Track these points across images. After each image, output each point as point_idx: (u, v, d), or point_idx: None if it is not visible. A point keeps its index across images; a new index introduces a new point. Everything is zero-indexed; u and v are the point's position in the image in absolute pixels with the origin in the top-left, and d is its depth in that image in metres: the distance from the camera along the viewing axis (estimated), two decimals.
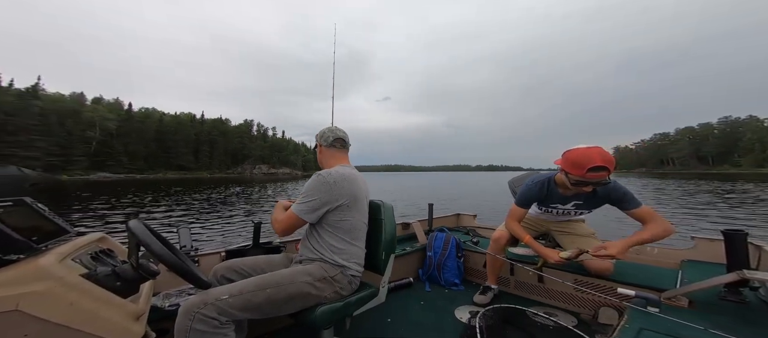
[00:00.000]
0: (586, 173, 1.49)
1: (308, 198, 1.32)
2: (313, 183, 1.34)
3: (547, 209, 1.93)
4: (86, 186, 27.14)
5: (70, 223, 1.10)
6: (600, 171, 1.48)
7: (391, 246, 1.52)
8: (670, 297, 1.40)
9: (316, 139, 1.57)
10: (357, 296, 1.38)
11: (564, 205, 1.85)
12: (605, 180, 1.52)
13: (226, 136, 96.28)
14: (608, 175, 1.52)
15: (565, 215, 1.94)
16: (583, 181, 1.54)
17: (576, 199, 1.78)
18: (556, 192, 1.80)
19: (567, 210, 1.88)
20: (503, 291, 2.31)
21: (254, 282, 1.19)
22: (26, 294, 0.72)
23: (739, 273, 1.25)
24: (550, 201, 1.86)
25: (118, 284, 0.90)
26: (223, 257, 1.75)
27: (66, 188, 22.24)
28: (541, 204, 1.92)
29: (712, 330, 1.11)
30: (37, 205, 1.00)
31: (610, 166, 1.49)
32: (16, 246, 0.79)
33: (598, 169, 1.47)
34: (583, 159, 1.51)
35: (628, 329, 1.17)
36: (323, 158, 1.52)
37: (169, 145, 75.75)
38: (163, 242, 1.01)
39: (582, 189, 1.61)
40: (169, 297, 1.45)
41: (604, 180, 1.52)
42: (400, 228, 2.90)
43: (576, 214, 1.92)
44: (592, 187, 1.56)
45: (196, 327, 1.02)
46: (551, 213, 1.95)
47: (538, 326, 1.78)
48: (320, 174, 1.36)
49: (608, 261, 1.75)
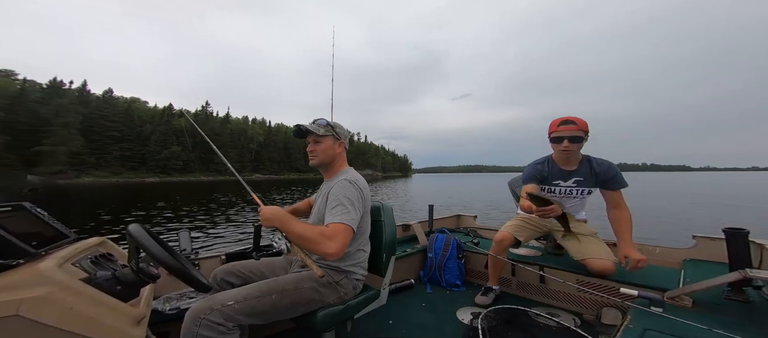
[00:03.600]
0: (559, 127, 1.78)
1: (353, 207, 1.23)
2: (352, 191, 1.26)
3: (550, 189, 1.99)
4: (251, 182, 36.53)
5: (72, 228, 1.09)
6: (569, 124, 1.75)
7: (392, 247, 1.51)
8: (674, 297, 1.40)
9: (342, 135, 1.44)
10: (358, 298, 1.37)
11: (565, 182, 1.94)
12: (577, 134, 1.75)
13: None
14: (580, 131, 1.75)
15: (568, 196, 1.97)
16: (559, 136, 1.79)
17: (577, 175, 1.89)
18: (556, 168, 1.94)
19: (569, 187, 1.94)
20: (505, 291, 2.30)
21: (259, 288, 1.18)
22: (27, 299, 0.71)
23: (742, 272, 1.24)
24: (553, 179, 1.96)
25: (118, 288, 0.90)
26: (224, 260, 1.75)
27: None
28: (544, 183, 2.00)
29: (717, 330, 1.11)
30: (36, 210, 1.00)
31: (580, 123, 1.76)
32: (16, 251, 0.79)
33: (567, 122, 1.76)
34: (556, 119, 1.83)
35: (632, 329, 1.17)
36: (335, 155, 1.44)
37: (291, 152, 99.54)
38: (162, 246, 1.00)
39: (563, 146, 1.79)
40: (169, 300, 1.44)
41: (575, 134, 1.75)
42: (400, 229, 2.89)
43: (576, 195, 1.95)
44: (566, 140, 1.77)
45: (202, 333, 1.01)
46: (554, 194, 2.00)
47: (540, 327, 1.77)
48: (351, 181, 1.30)
49: (609, 262, 1.80)
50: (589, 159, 1.89)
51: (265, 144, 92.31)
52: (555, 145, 1.84)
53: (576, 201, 2.00)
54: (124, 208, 12.53)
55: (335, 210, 1.21)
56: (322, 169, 1.47)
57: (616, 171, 1.82)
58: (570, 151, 1.79)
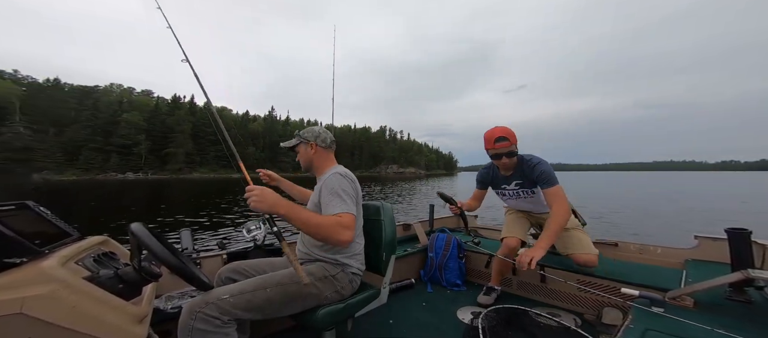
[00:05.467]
0: (495, 144, 1.84)
1: (348, 195, 1.27)
2: (342, 181, 1.30)
3: (501, 192, 2.13)
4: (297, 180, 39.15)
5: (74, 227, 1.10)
6: (502, 141, 1.83)
7: (392, 247, 1.51)
8: (675, 297, 1.39)
9: (309, 138, 1.48)
10: (358, 297, 1.38)
11: (509, 185, 2.05)
12: (509, 149, 1.83)
13: (369, 141, 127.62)
14: (512, 145, 1.84)
15: (515, 197, 2.08)
16: (497, 153, 1.86)
17: (516, 179, 1.99)
18: (498, 174, 2.06)
19: (514, 190, 2.05)
20: (506, 291, 2.30)
21: (255, 283, 1.19)
22: (30, 297, 0.72)
23: (744, 272, 1.24)
24: (500, 184, 2.09)
25: (120, 286, 0.90)
26: (225, 259, 1.75)
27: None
28: (494, 187, 2.15)
29: (718, 330, 1.10)
30: (39, 209, 1.01)
31: (509, 135, 1.82)
32: (20, 249, 0.80)
33: (500, 139, 1.83)
34: (489, 134, 1.88)
35: (633, 329, 1.16)
36: (318, 158, 1.50)
37: (338, 151, 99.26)
38: (164, 244, 1.01)
39: (502, 162, 1.90)
40: (171, 299, 1.45)
41: (508, 149, 1.83)
42: (401, 229, 2.90)
43: (524, 195, 2.04)
44: (504, 157, 1.86)
45: (198, 327, 1.03)
46: (506, 196, 2.13)
47: (541, 326, 1.77)
48: (340, 173, 1.34)
49: (593, 255, 1.89)
50: (522, 160, 1.94)
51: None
52: (495, 161, 1.96)
53: (528, 200, 2.07)
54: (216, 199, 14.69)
55: (336, 201, 1.23)
56: (310, 172, 1.55)
57: (541, 170, 1.84)
58: (508, 165, 1.93)
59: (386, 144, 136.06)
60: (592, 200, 16.05)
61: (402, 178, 68.92)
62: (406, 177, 77.94)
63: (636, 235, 7.27)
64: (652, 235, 7.46)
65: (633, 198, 17.51)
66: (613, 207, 13.24)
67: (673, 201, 16.28)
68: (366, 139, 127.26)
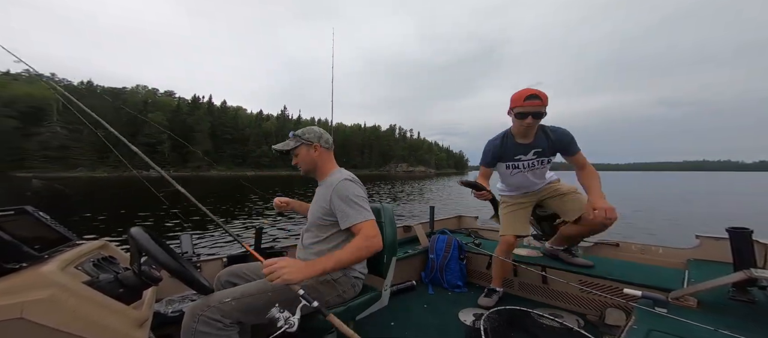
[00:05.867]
0: (525, 101, 1.75)
1: (363, 200, 1.30)
2: (354, 187, 1.31)
3: (512, 164, 1.97)
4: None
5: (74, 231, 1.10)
6: (534, 99, 1.73)
7: (393, 248, 1.51)
8: (678, 297, 1.39)
9: (311, 139, 1.42)
10: (360, 299, 1.37)
11: (526, 156, 1.93)
12: (540, 109, 1.75)
13: (378, 140, 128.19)
14: (543, 106, 1.75)
15: (530, 168, 1.96)
16: (523, 112, 1.76)
17: (535, 147, 1.89)
18: (513, 143, 1.92)
19: (530, 160, 1.93)
20: (507, 292, 2.29)
21: (256, 286, 1.19)
22: (30, 302, 0.72)
23: (747, 272, 1.23)
24: (513, 154, 1.94)
25: (120, 291, 0.90)
26: (225, 263, 1.75)
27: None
28: (505, 160, 1.98)
29: (722, 331, 1.10)
30: (39, 214, 1.01)
31: (544, 98, 1.75)
32: (19, 254, 0.80)
33: (532, 97, 1.73)
34: (520, 93, 1.79)
35: (637, 330, 1.16)
36: (321, 160, 1.45)
37: (348, 150, 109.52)
38: (164, 248, 1.01)
39: (526, 122, 1.77)
40: (171, 303, 1.45)
41: (539, 109, 1.74)
42: (401, 231, 2.89)
43: (539, 165, 1.95)
44: (530, 116, 1.75)
45: (200, 329, 1.03)
46: (518, 169, 1.98)
47: (543, 327, 1.77)
48: (352, 179, 1.34)
49: (609, 210, 1.71)
50: (543, 128, 1.90)
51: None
52: (517, 120, 1.83)
53: (539, 171, 2.00)
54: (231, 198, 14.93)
55: (354, 210, 1.25)
56: (311, 175, 1.48)
57: (571, 136, 1.87)
58: (532, 126, 1.82)
59: (396, 142, 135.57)
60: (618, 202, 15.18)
61: (411, 177, 67.46)
62: (416, 176, 76.95)
63: (653, 236, 7.10)
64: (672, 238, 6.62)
65: (656, 200, 16.58)
66: (642, 207, 12.48)
67: (691, 202, 15.55)
68: (375, 138, 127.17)
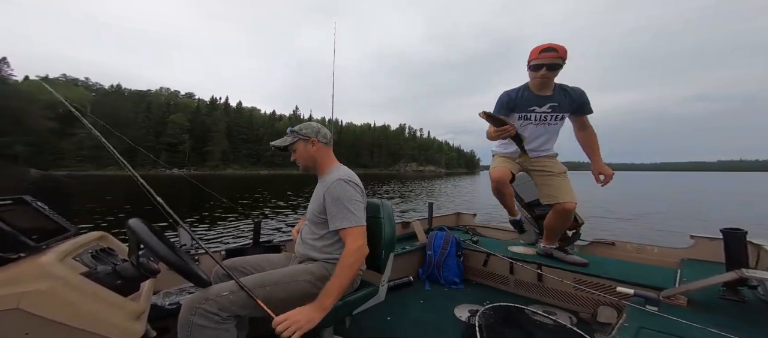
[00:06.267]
0: (540, 54, 1.79)
1: (356, 204, 1.28)
2: (350, 191, 1.29)
3: (525, 116, 1.99)
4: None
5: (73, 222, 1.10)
6: (550, 52, 1.77)
7: (391, 244, 1.52)
8: (669, 296, 1.41)
9: (309, 134, 1.40)
10: (357, 295, 1.38)
11: (541, 108, 1.95)
12: (557, 61, 1.79)
13: (387, 139, 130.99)
14: (559, 58, 1.78)
15: (542, 122, 1.98)
16: (538, 64, 1.81)
17: (552, 101, 1.93)
18: (530, 94, 1.95)
19: (544, 113, 1.96)
20: (502, 289, 2.31)
21: (254, 280, 1.20)
22: (27, 293, 0.72)
23: (738, 272, 1.25)
24: (528, 105, 1.96)
25: (118, 282, 0.90)
26: (224, 256, 1.76)
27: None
28: (519, 111, 1.99)
29: (711, 329, 1.12)
30: (37, 204, 1.01)
31: (560, 50, 1.78)
32: (17, 244, 0.80)
33: (548, 49, 1.77)
34: (537, 47, 1.84)
35: (628, 328, 1.18)
36: (319, 155, 1.42)
37: (358, 149, 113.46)
38: (163, 241, 1.01)
39: (541, 73, 1.81)
40: (169, 295, 1.46)
41: (556, 61, 1.78)
42: (399, 227, 2.91)
43: (552, 121, 1.97)
44: (544, 68, 1.80)
45: (197, 322, 1.03)
46: (530, 120, 1.99)
47: (537, 324, 1.79)
48: (346, 180, 1.30)
49: (574, 203, 1.92)
50: (562, 86, 1.95)
51: (337, 142, 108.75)
52: (533, 72, 1.87)
53: (551, 127, 2.01)
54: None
55: (342, 215, 1.24)
56: (310, 171, 1.47)
57: (586, 96, 1.94)
58: (547, 78, 1.84)
59: (405, 142, 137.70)
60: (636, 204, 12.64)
61: (421, 177, 67.46)
62: (426, 176, 77.41)
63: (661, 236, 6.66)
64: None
65: (670, 201, 15.17)
66: (652, 209, 11.35)
67: (704, 203, 14.12)
68: (385, 137, 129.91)
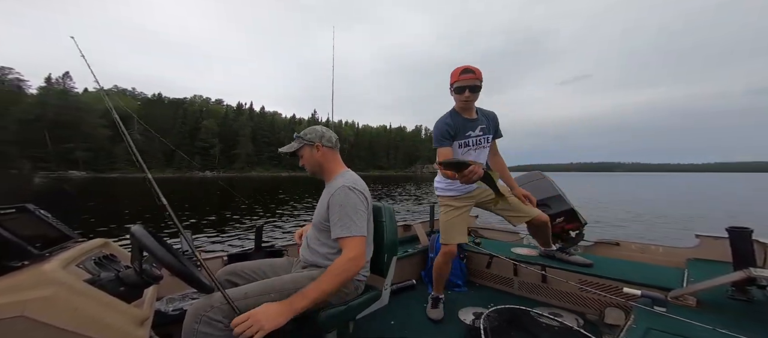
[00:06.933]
0: (460, 76, 1.83)
1: (358, 212, 1.25)
2: (353, 199, 1.26)
3: (464, 142, 1.94)
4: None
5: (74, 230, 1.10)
6: (468, 74, 1.82)
7: (393, 248, 1.51)
8: (677, 297, 1.39)
9: (313, 139, 1.40)
10: (360, 299, 1.37)
11: (474, 132, 1.95)
12: (476, 83, 1.83)
13: (404, 141, 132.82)
14: (477, 80, 1.83)
15: (478, 145, 1.95)
16: (461, 86, 1.84)
17: (481, 123, 1.96)
18: (462, 119, 1.93)
19: (478, 137, 1.95)
20: (507, 291, 2.30)
21: (258, 288, 1.19)
22: (31, 300, 0.72)
23: (746, 271, 1.24)
24: (464, 131, 1.93)
25: (121, 289, 0.90)
26: (226, 261, 1.75)
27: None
28: (458, 139, 1.93)
29: (721, 330, 1.10)
30: (40, 212, 1.01)
31: (477, 72, 1.84)
32: (21, 252, 0.80)
33: (467, 71, 1.82)
34: (456, 69, 1.88)
35: (636, 329, 1.16)
36: (324, 160, 1.42)
37: (375, 151, 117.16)
38: (165, 247, 1.01)
39: (464, 96, 1.84)
40: (172, 301, 1.45)
41: (474, 82, 1.82)
42: (401, 230, 2.90)
43: (485, 143, 1.97)
44: (467, 90, 1.83)
45: (202, 330, 1.02)
46: (470, 146, 1.94)
47: (543, 327, 1.77)
48: (351, 187, 1.28)
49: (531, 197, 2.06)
50: (479, 108, 1.98)
51: (354, 144, 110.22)
52: (457, 95, 1.87)
53: (484, 149, 1.97)
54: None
55: (343, 224, 1.22)
56: (318, 176, 1.46)
57: (497, 118, 2.03)
58: (470, 100, 1.87)
59: (422, 143, 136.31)
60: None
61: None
62: None
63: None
64: None
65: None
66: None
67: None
68: (401, 139, 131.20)
